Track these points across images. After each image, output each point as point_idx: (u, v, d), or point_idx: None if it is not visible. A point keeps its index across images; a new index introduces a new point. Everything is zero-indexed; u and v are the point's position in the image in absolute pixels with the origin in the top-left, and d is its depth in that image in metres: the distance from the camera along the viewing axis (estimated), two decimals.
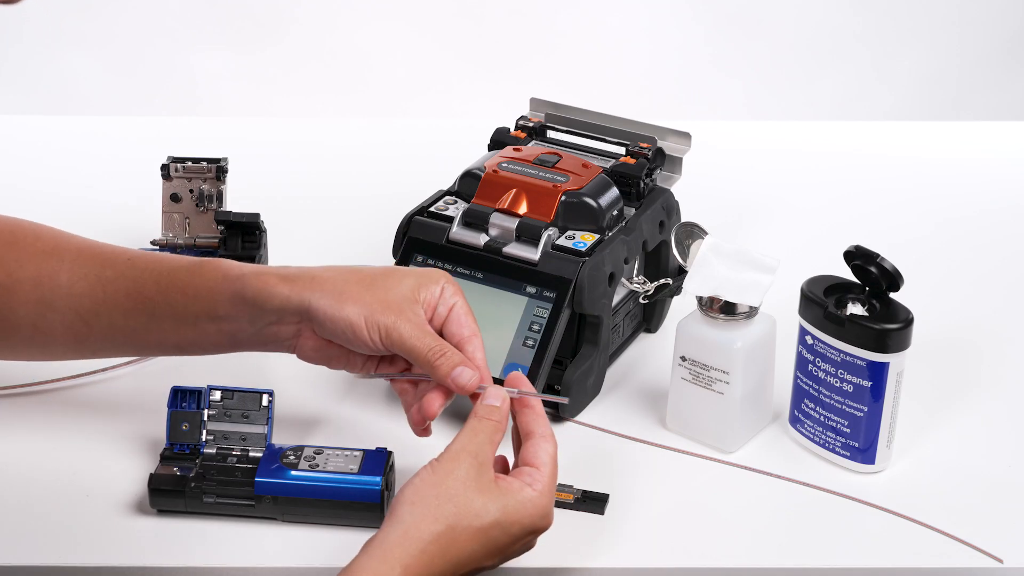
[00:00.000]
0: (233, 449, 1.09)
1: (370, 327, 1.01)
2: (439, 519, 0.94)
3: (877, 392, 1.09)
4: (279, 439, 1.12)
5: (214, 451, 1.09)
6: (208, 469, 1.07)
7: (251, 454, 1.08)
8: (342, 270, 1.04)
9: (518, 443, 1.01)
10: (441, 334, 1.04)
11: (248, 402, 1.09)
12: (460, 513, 0.94)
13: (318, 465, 1.06)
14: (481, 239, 1.18)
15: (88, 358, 1.13)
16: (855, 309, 1.10)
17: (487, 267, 1.17)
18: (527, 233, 1.17)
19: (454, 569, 0.95)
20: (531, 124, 1.32)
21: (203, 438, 1.09)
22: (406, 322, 1.01)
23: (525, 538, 0.98)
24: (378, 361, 1.06)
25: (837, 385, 1.11)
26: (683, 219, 1.25)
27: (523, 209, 1.18)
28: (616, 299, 1.21)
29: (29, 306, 1.06)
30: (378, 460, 1.06)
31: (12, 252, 1.06)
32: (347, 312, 1.01)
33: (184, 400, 1.09)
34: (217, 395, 1.09)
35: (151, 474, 1.06)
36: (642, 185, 1.23)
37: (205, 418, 1.09)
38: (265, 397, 1.09)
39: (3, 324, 1.06)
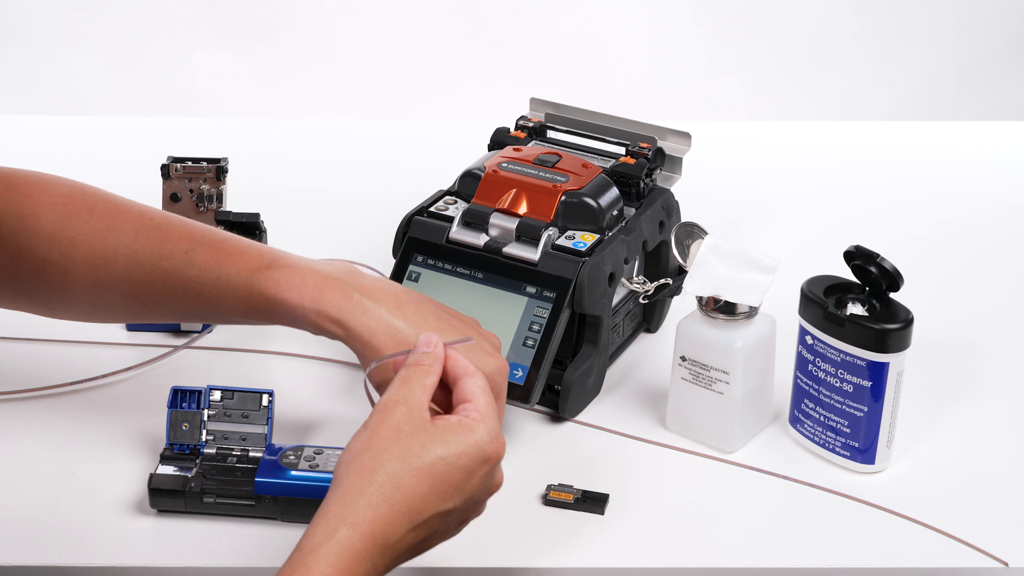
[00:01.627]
0: (233, 449, 1.09)
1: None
2: (376, 469, 0.91)
3: (877, 392, 1.09)
4: (279, 439, 1.12)
5: (214, 451, 1.09)
6: (208, 469, 1.07)
7: (251, 454, 1.08)
8: (387, 336, 1.03)
9: (446, 399, 0.99)
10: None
11: (248, 402, 1.09)
12: (398, 457, 0.91)
13: (318, 465, 1.06)
14: (481, 239, 1.18)
15: (144, 322, 1.17)
16: (855, 309, 1.10)
17: (487, 267, 1.17)
18: (527, 233, 1.17)
19: (408, 516, 0.91)
20: (531, 124, 1.32)
21: (203, 438, 1.09)
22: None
23: (480, 469, 0.94)
24: None
25: (837, 385, 1.11)
26: (683, 219, 1.25)
27: (523, 209, 1.18)
28: (616, 299, 1.21)
29: (85, 287, 1.06)
30: None
31: (65, 230, 1.05)
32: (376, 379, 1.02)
33: (184, 400, 1.09)
34: (217, 395, 1.09)
35: (151, 474, 1.06)
36: (642, 185, 1.23)
37: (205, 418, 1.09)
38: (265, 397, 1.09)
39: (61, 299, 1.06)
